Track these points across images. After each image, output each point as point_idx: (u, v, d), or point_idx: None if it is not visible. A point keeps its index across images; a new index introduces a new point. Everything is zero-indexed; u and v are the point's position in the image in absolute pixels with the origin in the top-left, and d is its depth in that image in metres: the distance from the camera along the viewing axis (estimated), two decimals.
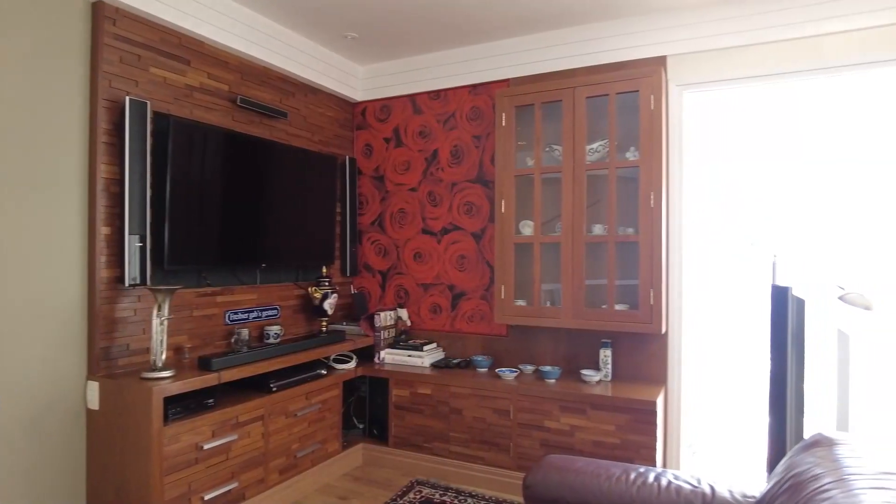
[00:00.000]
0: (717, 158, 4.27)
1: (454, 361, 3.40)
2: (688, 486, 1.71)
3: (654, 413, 2.66)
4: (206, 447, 2.43)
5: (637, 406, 2.70)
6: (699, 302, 3.35)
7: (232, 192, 2.94)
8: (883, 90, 3.23)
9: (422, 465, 3.23)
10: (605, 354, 3.03)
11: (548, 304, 3.14)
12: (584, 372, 3.02)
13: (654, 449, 2.68)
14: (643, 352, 3.05)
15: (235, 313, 3.05)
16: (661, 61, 3.02)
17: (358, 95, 3.90)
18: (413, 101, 3.75)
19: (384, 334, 3.53)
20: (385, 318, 3.53)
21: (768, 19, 2.81)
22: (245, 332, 2.97)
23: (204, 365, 2.56)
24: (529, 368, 3.22)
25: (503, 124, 3.15)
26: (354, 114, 3.96)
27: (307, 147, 3.54)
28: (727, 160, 4.14)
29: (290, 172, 3.29)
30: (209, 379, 2.47)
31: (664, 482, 1.74)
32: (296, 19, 3.16)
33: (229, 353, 2.75)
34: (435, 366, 3.40)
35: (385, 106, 3.85)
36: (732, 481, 1.73)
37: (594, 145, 2.99)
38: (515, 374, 3.14)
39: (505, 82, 3.43)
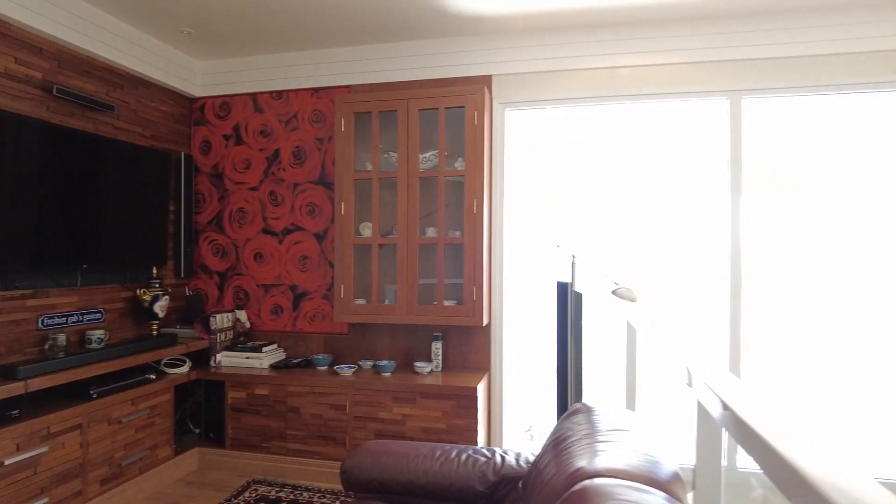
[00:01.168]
0: (544, 168, 4.73)
1: (294, 361, 3.45)
2: (483, 458, 1.97)
3: (475, 398, 2.95)
4: (7, 463, 2.26)
5: (460, 393, 2.97)
6: (525, 296, 3.73)
7: (48, 188, 2.73)
8: (672, 116, 3.84)
9: (260, 465, 3.24)
10: (437, 347, 3.28)
11: (385, 302, 3.32)
12: (417, 364, 3.24)
13: (475, 431, 2.96)
14: (470, 343, 3.35)
15: (51, 318, 2.84)
16: (486, 80, 3.33)
17: (196, 91, 3.79)
18: (255, 99, 3.73)
19: (221, 337, 3.48)
20: (222, 320, 3.48)
21: (577, 49, 3.23)
22: (62, 338, 2.78)
23: (7, 373, 2.38)
24: (368, 364, 3.38)
25: (342, 129, 3.27)
26: (192, 109, 3.84)
27: (137, 142, 3.38)
28: (556, 169, 4.62)
29: (116, 168, 3.12)
30: (14, 388, 2.30)
31: (463, 457, 1.98)
32: (126, 9, 3.01)
33: (42, 359, 2.58)
34: (274, 367, 3.42)
35: (225, 103, 3.79)
36: (521, 450, 2.01)
37: (427, 154, 3.22)
38: (353, 369, 3.28)
39: (346, 88, 3.55)
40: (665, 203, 3.34)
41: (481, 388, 3.07)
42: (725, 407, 0.98)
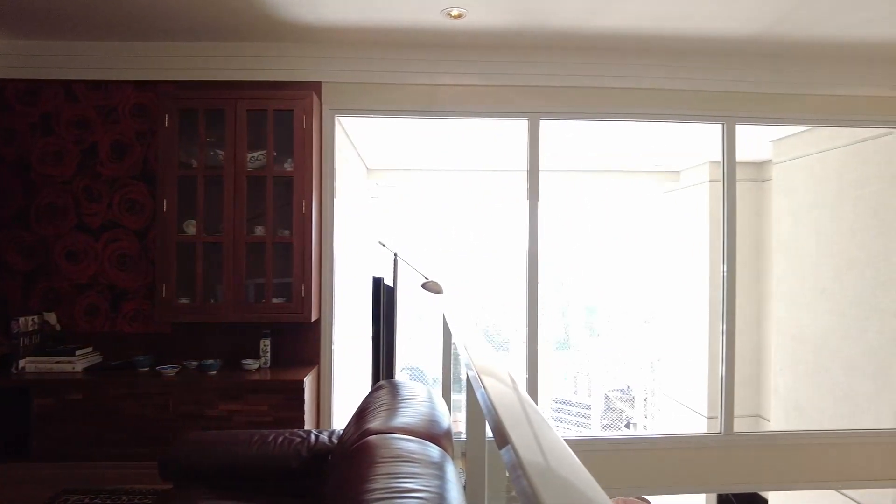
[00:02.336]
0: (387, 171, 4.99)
1: (113, 364, 3.31)
2: (298, 438, 2.14)
3: (302, 391, 3.09)
4: None
5: (287, 386, 3.09)
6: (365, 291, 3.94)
7: None
8: (495, 130, 4.30)
9: (74, 474, 3.06)
10: (265, 344, 3.36)
11: (211, 301, 3.32)
12: (244, 361, 3.30)
13: (303, 422, 3.10)
14: (300, 339, 3.48)
15: None
16: (316, 86, 3.49)
17: None
18: (69, 87, 3.50)
19: (25, 341, 3.22)
20: (26, 323, 3.23)
21: (402, 65, 3.51)
22: None
23: None
24: (193, 363, 3.35)
25: (166, 125, 3.22)
26: None
27: None
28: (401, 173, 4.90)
29: None
30: None
31: (280, 439, 2.14)
32: None
33: None
34: (90, 370, 3.26)
35: (33, 88, 3.50)
36: (335, 429, 2.22)
37: (255, 154, 3.29)
38: (177, 369, 3.24)
39: (172, 83, 3.48)
40: (477, 207, 3.76)
41: (309, 381, 3.22)
42: (472, 368, 1.28)
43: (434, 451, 1.45)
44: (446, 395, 3.08)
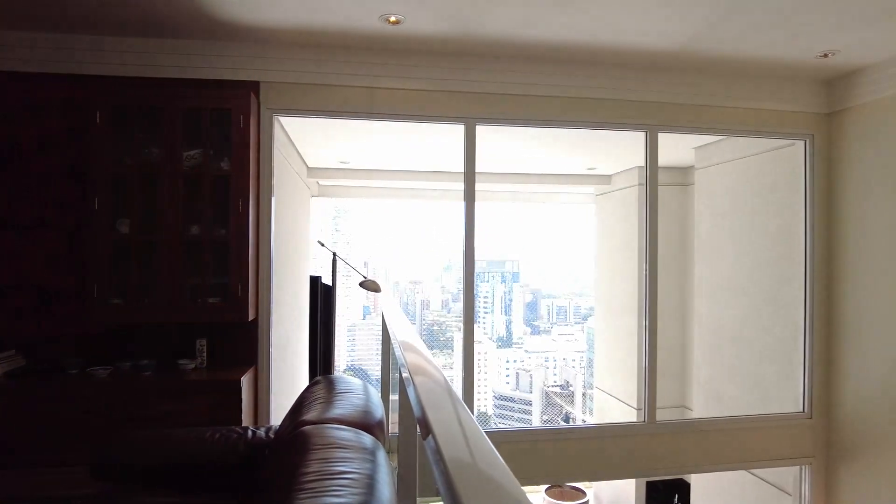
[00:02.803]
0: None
1: (39, 367, 3.21)
2: (235, 435, 2.17)
3: (240, 390, 3.10)
4: None
5: (224, 386, 3.09)
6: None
7: None
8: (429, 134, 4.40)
9: (3, 483, 2.96)
10: (202, 344, 3.33)
11: (146, 301, 3.27)
12: (180, 361, 3.27)
13: (241, 422, 3.11)
14: (237, 338, 3.47)
15: None
16: (255, 86, 3.49)
17: None
18: None
19: None
20: None
21: (341, 68, 3.56)
22: None
23: None
24: (126, 364, 3.29)
25: (98, 122, 3.15)
26: None
27: None
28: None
29: None
30: None
31: (217, 436, 2.16)
32: None
33: None
34: (11, 374, 3.14)
35: None
36: (271, 425, 2.26)
37: (192, 152, 3.26)
38: (109, 370, 3.17)
39: (106, 79, 3.39)
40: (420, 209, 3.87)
41: (246, 380, 3.22)
42: (405, 366, 1.36)
43: (367, 438, 1.54)
44: (385, 394, 3.17)
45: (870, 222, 3.85)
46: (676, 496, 6.54)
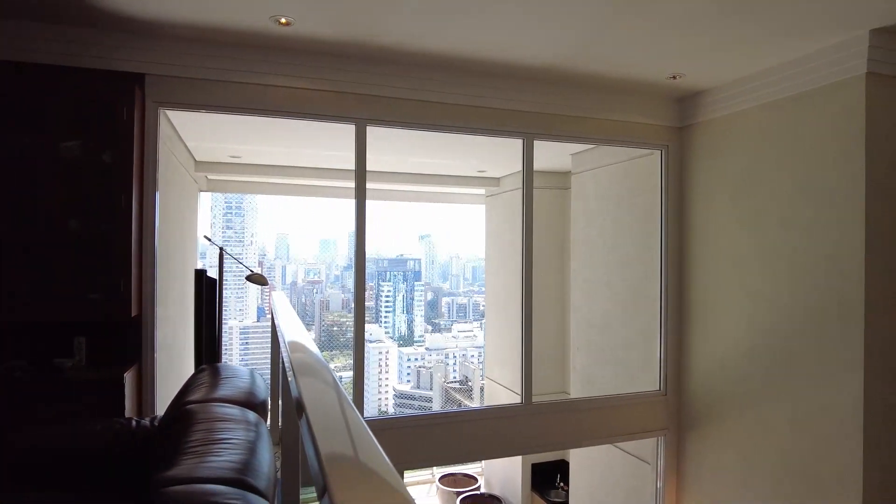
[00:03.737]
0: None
1: None
2: (119, 425, 2.19)
3: (122, 388, 3.04)
4: None
5: (106, 384, 3.01)
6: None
7: None
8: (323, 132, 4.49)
9: None
10: (80, 341, 3.22)
11: (21, 298, 3.10)
12: (57, 360, 3.14)
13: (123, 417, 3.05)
14: (120, 335, 3.38)
15: None
16: (140, 78, 3.41)
17: None
18: None
19: None
20: None
21: (234, 64, 3.57)
22: None
23: None
24: None
25: None
26: None
27: None
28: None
29: None
30: None
31: (99, 427, 2.16)
32: None
33: None
34: None
35: None
36: (156, 416, 2.29)
37: (70, 143, 3.15)
38: None
39: None
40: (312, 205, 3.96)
41: (130, 378, 3.16)
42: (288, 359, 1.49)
43: (251, 414, 1.66)
44: (275, 388, 3.23)
45: (712, 223, 4.46)
46: (559, 476, 7.07)
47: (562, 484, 6.96)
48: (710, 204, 4.47)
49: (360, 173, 3.82)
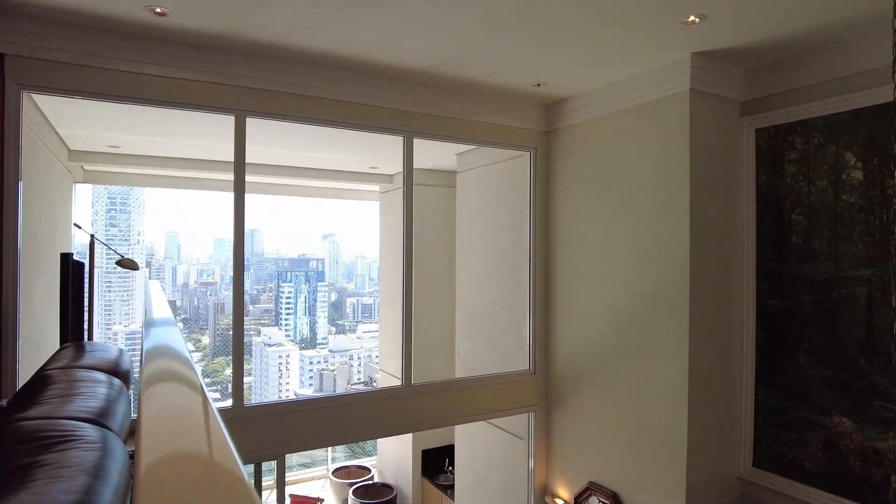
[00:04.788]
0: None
1: None
2: None
3: None
4: None
5: None
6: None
7: None
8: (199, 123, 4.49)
9: None
10: None
11: None
12: None
13: None
14: None
15: None
16: None
17: None
18: None
19: None
20: None
21: (104, 50, 3.51)
22: None
23: None
24: None
25: None
26: None
27: None
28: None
29: None
30: None
31: None
32: None
33: None
34: None
35: None
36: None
37: None
38: None
39: None
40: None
41: None
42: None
43: (116, 381, 1.76)
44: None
45: (573, 218, 4.96)
46: (447, 460, 7.42)
47: (450, 468, 7.31)
48: (572, 201, 4.98)
49: (240, 165, 3.90)
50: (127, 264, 3.11)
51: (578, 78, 4.41)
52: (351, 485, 7.87)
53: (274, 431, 4.08)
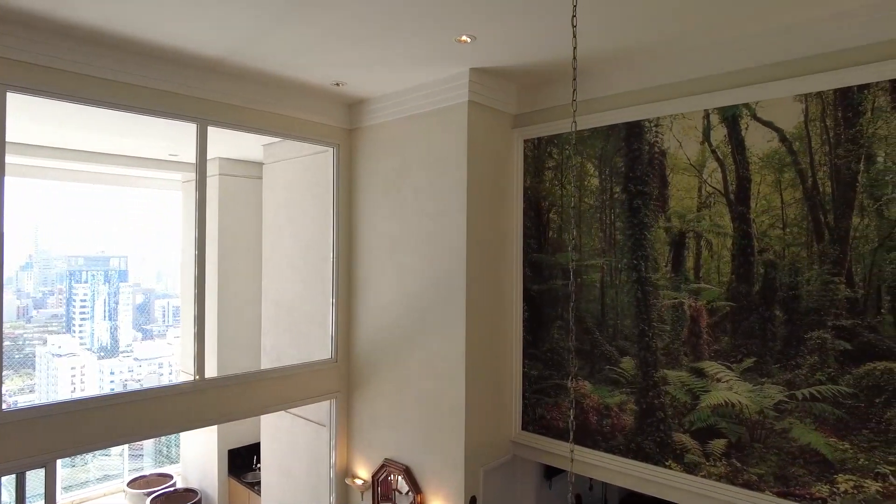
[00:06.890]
0: None
1: None
2: None
3: None
4: None
5: None
6: None
7: None
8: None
9: None
10: None
11: None
12: None
13: None
14: None
15: None
16: None
17: None
18: None
19: None
20: None
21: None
22: None
23: None
24: None
25: None
26: None
27: None
28: None
29: None
30: None
31: None
32: None
33: None
34: None
35: None
36: None
37: None
38: None
39: None
40: None
41: None
42: None
43: None
44: None
45: (371, 213, 5.26)
46: (255, 457, 7.32)
47: (258, 465, 7.23)
48: (370, 197, 5.28)
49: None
50: None
51: (374, 81, 4.70)
52: (149, 494, 7.38)
53: (42, 437, 3.76)
